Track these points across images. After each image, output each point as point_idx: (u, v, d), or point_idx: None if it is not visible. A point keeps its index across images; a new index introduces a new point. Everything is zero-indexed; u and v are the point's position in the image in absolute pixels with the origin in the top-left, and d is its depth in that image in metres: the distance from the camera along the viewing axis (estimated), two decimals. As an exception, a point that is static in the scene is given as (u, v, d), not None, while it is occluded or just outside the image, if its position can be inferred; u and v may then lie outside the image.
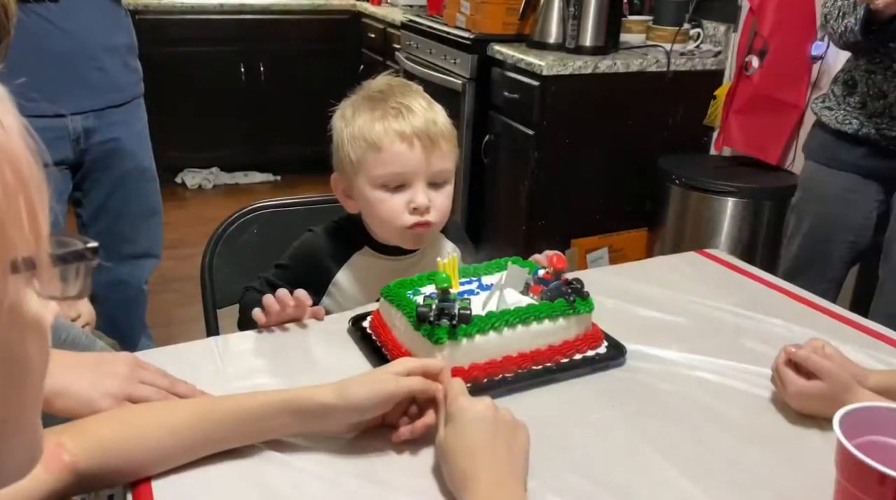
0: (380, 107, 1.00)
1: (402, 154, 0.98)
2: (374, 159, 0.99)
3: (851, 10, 1.44)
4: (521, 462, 0.71)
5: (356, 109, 1.03)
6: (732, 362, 0.98)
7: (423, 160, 0.99)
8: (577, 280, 0.96)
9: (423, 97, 1.04)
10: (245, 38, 3.71)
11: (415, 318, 0.87)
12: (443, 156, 1.01)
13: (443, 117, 1.03)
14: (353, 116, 1.03)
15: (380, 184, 1.01)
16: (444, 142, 1.01)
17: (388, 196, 1.01)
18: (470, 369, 0.88)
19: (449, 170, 1.03)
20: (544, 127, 2.35)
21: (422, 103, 1.01)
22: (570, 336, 0.94)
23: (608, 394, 0.91)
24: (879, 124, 1.46)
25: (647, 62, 2.41)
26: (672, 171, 2.33)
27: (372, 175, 1.00)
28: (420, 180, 1.00)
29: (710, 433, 0.84)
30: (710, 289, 1.20)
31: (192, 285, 1.34)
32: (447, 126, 1.02)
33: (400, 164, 0.99)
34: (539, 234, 2.45)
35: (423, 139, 0.99)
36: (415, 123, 0.99)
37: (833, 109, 1.55)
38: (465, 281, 0.99)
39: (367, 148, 0.99)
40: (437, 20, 2.90)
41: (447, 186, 1.04)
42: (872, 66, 1.48)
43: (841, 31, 1.48)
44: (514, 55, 2.42)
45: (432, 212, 1.02)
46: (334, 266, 1.10)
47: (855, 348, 1.03)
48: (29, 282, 0.34)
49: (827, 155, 1.61)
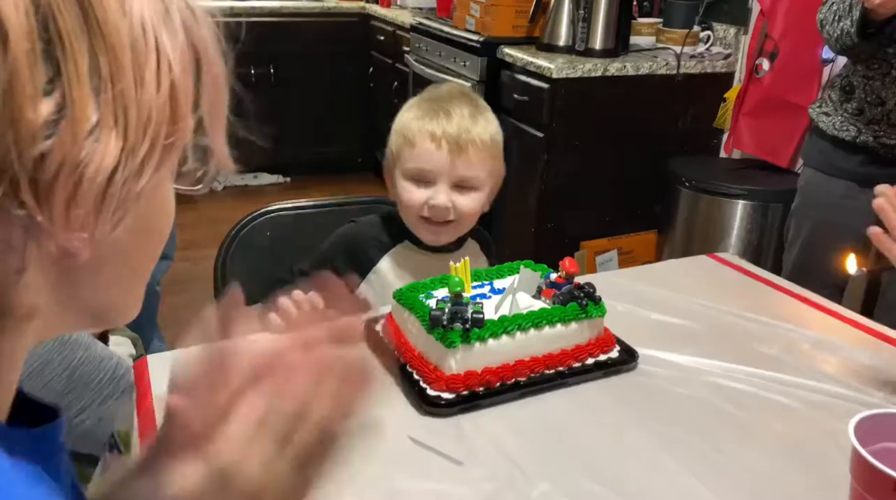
0: (425, 108, 1.08)
1: (430, 152, 1.05)
2: (407, 153, 1.08)
3: (847, 12, 1.41)
4: None
5: (410, 107, 1.11)
6: (744, 367, 0.98)
7: (448, 162, 1.05)
8: (588, 284, 0.96)
9: (470, 107, 1.09)
10: (255, 41, 3.73)
11: (428, 322, 0.88)
12: (470, 163, 1.06)
13: (482, 128, 1.07)
14: (404, 112, 1.11)
15: (409, 176, 1.09)
16: (474, 150, 1.06)
17: (413, 187, 1.08)
18: (483, 373, 0.88)
19: (477, 177, 1.08)
20: (554, 129, 2.35)
21: (464, 112, 1.07)
22: (583, 340, 0.95)
23: (620, 398, 0.91)
24: (877, 132, 1.44)
25: (657, 65, 2.41)
26: (682, 173, 2.33)
27: (404, 167, 1.09)
28: (444, 181, 1.07)
29: (722, 437, 0.84)
30: (721, 293, 1.20)
31: (204, 286, 1.35)
32: (484, 137, 1.07)
33: (426, 161, 1.06)
34: (548, 236, 2.45)
35: (451, 143, 1.05)
36: (447, 128, 1.05)
37: (830, 114, 1.53)
38: (477, 285, 1.00)
39: (404, 142, 1.08)
40: (447, 23, 2.90)
41: (474, 192, 1.09)
42: (870, 72, 1.46)
43: (837, 35, 1.45)
44: (523, 58, 2.42)
45: (453, 212, 1.08)
46: (378, 254, 1.15)
47: (865, 351, 1.03)
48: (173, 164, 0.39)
49: (824, 162, 1.58)
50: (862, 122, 1.46)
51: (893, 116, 1.42)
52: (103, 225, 0.34)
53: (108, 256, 0.37)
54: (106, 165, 0.33)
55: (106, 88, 0.32)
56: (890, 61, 1.40)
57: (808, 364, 0.99)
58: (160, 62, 0.35)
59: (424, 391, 0.88)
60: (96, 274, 0.38)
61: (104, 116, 0.32)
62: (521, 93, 2.45)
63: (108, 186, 0.33)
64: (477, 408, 0.87)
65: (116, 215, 0.35)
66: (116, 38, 0.32)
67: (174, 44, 0.36)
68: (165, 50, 0.35)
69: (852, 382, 0.95)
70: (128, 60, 0.33)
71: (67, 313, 0.38)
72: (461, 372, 0.87)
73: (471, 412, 0.86)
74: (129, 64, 0.33)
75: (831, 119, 1.53)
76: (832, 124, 1.53)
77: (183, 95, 0.36)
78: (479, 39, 2.58)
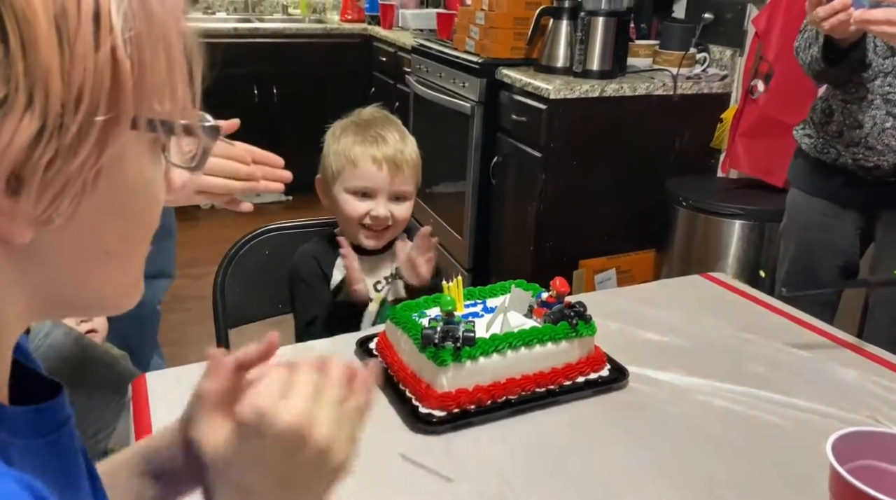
0: (362, 132, 1.23)
1: (372, 173, 1.21)
2: (350, 172, 1.22)
3: (815, 39, 1.46)
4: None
5: (344, 130, 1.26)
6: (734, 386, 0.99)
7: (388, 180, 1.22)
8: (579, 303, 0.98)
9: (398, 131, 1.26)
10: (259, 62, 3.78)
11: (420, 340, 0.89)
12: (405, 179, 1.24)
13: (410, 149, 1.25)
14: (340, 135, 1.25)
15: (351, 191, 1.23)
16: (407, 168, 1.23)
17: (355, 201, 1.23)
18: (474, 391, 0.89)
19: (409, 191, 1.25)
20: (552, 149, 2.38)
21: (395, 136, 1.24)
22: (573, 359, 0.96)
23: (610, 417, 0.92)
24: (856, 154, 1.47)
25: (654, 86, 2.44)
26: (679, 193, 2.35)
27: (346, 185, 1.23)
28: (383, 195, 1.22)
29: (711, 456, 0.85)
30: (714, 312, 1.21)
31: (205, 303, 1.37)
32: (412, 156, 1.25)
33: (369, 180, 1.22)
34: (547, 255, 2.47)
35: (390, 164, 1.21)
36: (385, 151, 1.21)
37: (812, 136, 1.57)
38: (470, 304, 1.02)
39: (346, 163, 1.23)
40: (447, 45, 2.94)
41: (406, 201, 1.26)
42: (848, 96, 1.49)
43: (808, 62, 1.50)
44: (521, 79, 2.45)
45: (391, 220, 1.23)
46: (330, 268, 1.27)
47: (854, 371, 1.04)
48: (149, 144, 0.37)
49: (808, 182, 1.63)
50: (842, 144, 1.49)
51: (871, 139, 1.45)
52: (38, 207, 0.32)
53: (70, 239, 0.36)
54: (18, 143, 0.30)
55: (14, 61, 0.30)
56: (865, 85, 1.43)
57: (797, 384, 1.00)
58: (100, 31, 0.32)
59: (416, 409, 0.89)
60: (60, 258, 0.36)
61: (12, 92, 0.30)
62: (520, 113, 2.48)
63: (24, 167, 0.31)
64: (468, 426, 0.88)
65: (58, 198, 0.33)
66: (26, 5, 0.30)
67: (118, 8, 0.32)
68: (106, 16, 0.32)
69: (841, 401, 0.96)
70: (45, 30, 0.30)
71: (42, 299, 0.37)
72: (453, 390, 0.88)
73: (462, 430, 0.88)
74: (47, 34, 0.30)
75: (813, 141, 1.57)
76: (814, 146, 1.57)
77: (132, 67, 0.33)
78: (479, 61, 2.62)
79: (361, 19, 4.12)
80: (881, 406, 0.95)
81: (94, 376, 1.23)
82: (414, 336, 0.91)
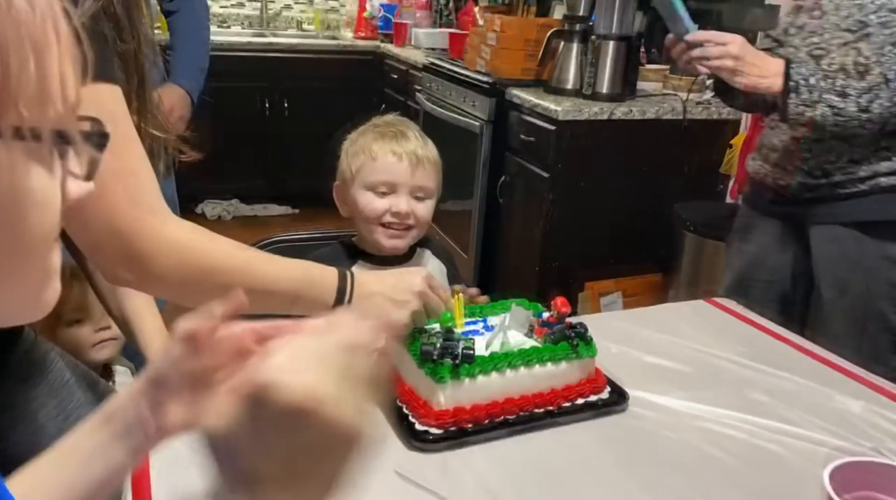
0: (380, 130, 1.22)
1: (393, 165, 1.18)
2: (370, 167, 1.19)
3: None
4: None
5: (362, 133, 1.24)
6: (734, 412, 0.98)
7: (409, 173, 1.18)
8: (580, 324, 0.97)
9: (418, 131, 1.24)
10: (270, 75, 3.81)
11: (419, 356, 0.89)
12: (426, 174, 1.20)
13: (431, 149, 1.23)
14: (358, 138, 1.23)
15: (371, 187, 1.19)
16: (428, 164, 1.20)
17: (375, 197, 1.19)
18: (472, 409, 0.89)
19: (430, 188, 1.21)
20: (559, 170, 2.38)
21: (415, 134, 1.22)
22: (573, 380, 0.95)
23: (609, 440, 0.91)
24: (775, 174, 1.59)
25: (663, 110, 2.44)
26: (687, 218, 2.34)
27: (367, 180, 1.19)
28: (404, 191, 1.18)
29: (709, 482, 0.84)
30: (717, 338, 1.20)
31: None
32: (433, 155, 1.22)
33: (390, 173, 1.18)
34: (553, 275, 2.46)
35: (411, 157, 1.18)
36: (406, 146, 1.19)
37: (755, 158, 1.69)
38: (470, 321, 1.01)
39: (366, 159, 1.19)
40: (458, 64, 2.96)
41: (429, 201, 1.22)
42: (771, 122, 1.63)
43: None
44: (531, 100, 2.46)
45: (412, 218, 1.19)
46: None
47: (857, 401, 1.03)
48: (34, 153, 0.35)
49: (749, 199, 1.77)
50: (769, 164, 1.61)
51: (782, 160, 1.57)
52: None
53: None
54: None
55: None
56: (781, 113, 1.50)
57: (798, 412, 0.99)
58: None
59: (413, 426, 0.88)
60: None
61: None
62: (528, 133, 2.49)
63: None
64: (464, 444, 0.87)
65: None
66: None
67: None
68: None
69: (843, 431, 0.95)
70: None
71: None
72: (450, 407, 0.88)
73: (458, 448, 0.87)
74: None
75: (754, 162, 1.69)
76: (753, 167, 1.69)
77: None
78: (489, 81, 2.63)
79: (374, 37, 4.16)
80: (885, 439, 0.94)
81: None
82: (413, 352, 0.91)
